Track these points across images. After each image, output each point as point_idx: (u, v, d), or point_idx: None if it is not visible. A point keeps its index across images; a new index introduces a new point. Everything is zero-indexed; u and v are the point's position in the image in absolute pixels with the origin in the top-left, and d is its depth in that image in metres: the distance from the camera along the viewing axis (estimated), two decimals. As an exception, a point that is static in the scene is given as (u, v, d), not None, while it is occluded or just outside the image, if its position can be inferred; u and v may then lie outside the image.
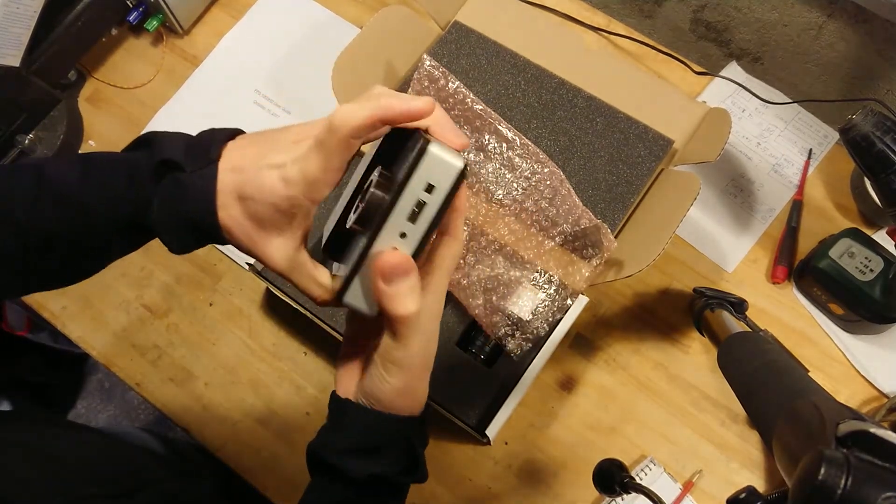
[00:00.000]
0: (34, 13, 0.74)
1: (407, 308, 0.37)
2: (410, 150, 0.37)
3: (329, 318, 0.70)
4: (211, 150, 0.41)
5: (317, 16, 0.94)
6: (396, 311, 0.37)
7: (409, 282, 0.37)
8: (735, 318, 0.67)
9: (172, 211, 0.41)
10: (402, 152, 0.39)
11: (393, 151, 0.40)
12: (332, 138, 0.38)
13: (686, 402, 0.77)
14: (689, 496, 0.72)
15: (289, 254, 0.41)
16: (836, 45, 0.92)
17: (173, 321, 0.81)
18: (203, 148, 0.42)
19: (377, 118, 0.37)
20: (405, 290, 0.37)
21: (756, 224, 0.84)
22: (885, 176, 0.65)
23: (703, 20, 1.02)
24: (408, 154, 0.37)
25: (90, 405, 1.58)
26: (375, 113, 0.37)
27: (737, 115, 0.88)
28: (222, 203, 0.40)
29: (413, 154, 0.36)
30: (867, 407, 0.76)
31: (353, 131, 0.37)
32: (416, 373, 0.40)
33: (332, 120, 0.38)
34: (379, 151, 0.41)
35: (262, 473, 0.75)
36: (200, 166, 0.41)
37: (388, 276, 0.37)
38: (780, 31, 0.96)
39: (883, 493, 0.29)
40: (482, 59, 0.80)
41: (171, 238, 0.43)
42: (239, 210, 0.40)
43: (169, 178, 0.41)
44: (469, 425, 0.68)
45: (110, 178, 0.42)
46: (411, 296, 0.37)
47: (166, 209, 0.41)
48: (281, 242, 0.41)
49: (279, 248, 0.41)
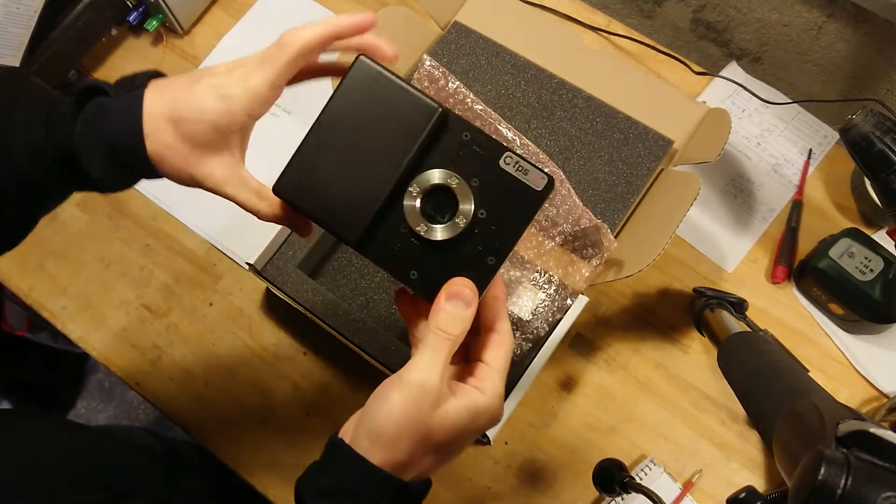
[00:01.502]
0: (34, 13, 0.74)
1: (452, 328, 0.37)
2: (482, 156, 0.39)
3: (329, 317, 0.70)
4: (137, 80, 0.42)
5: (317, 16, 0.94)
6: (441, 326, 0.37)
7: (467, 311, 0.38)
8: (735, 318, 0.67)
9: (94, 132, 0.40)
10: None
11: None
12: (282, 54, 0.39)
13: (686, 402, 0.77)
14: (689, 496, 0.72)
15: (230, 172, 0.41)
16: (836, 45, 0.92)
17: (173, 321, 0.81)
18: (128, 79, 0.42)
19: (327, 34, 0.40)
20: (461, 314, 0.38)
21: (756, 224, 0.84)
22: (885, 176, 0.65)
23: (703, 20, 1.02)
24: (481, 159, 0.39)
25: (90, 405, 1.58)
26: (326, 28, 0.40)
27: (737, 115, 0.88)
28: (152, 129, 0.40)
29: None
30: (867, 407, 0.76)
31: (302, 47, 0.39)
32: (420, 422, 0.37)
33: (282, 38, 0.39)
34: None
35: (262, 473, 0.75)
36: (126, 91, 0.41)
37: (453, 298, 0.38)
38: (780, 31, 0.96)
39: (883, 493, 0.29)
40: (482, 59, 0.80)
41: (94, 161, 0.41)
42: (172, 133, 0.40)
43: (92, 102, 0.41)
44: (469, 425, 0.68)
45: (29, 125, 0.41)
46: (462, 322, 0.38)
47: (88, 131, 0.40)
48: (220, 161, 0.41)
49: (219, 168, 0.41)
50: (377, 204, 0.39)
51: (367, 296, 0.76)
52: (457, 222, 0.38)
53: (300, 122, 0.89)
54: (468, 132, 0.39)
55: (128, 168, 0.42)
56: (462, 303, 0.38)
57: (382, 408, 0.37)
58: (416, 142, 0.38)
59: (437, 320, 0.38)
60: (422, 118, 0.38)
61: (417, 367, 0.37)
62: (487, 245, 0.39)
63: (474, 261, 0.39)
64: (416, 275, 0.39)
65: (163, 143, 0.40)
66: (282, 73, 0.40)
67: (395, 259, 0.39)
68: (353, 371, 0.78)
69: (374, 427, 0.37)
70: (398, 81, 0.39)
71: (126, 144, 0.40)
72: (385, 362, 0.69)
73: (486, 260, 0.39)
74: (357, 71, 0.39)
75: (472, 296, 0.38)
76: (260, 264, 0.71)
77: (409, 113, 0.39)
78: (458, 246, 0.39)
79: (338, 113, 0.39)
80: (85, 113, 0.41)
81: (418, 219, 0.39)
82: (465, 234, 0.38)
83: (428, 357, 0.37)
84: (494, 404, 0.39)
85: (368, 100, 0.39)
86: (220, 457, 0.75)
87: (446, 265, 0.39)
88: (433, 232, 0.38)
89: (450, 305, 0.37)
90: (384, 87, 0.39)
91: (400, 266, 0.39)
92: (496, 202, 0.38)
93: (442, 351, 0.37)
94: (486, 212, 0.38)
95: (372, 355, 0.69)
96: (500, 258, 0.39)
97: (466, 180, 0.38)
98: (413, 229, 0.39)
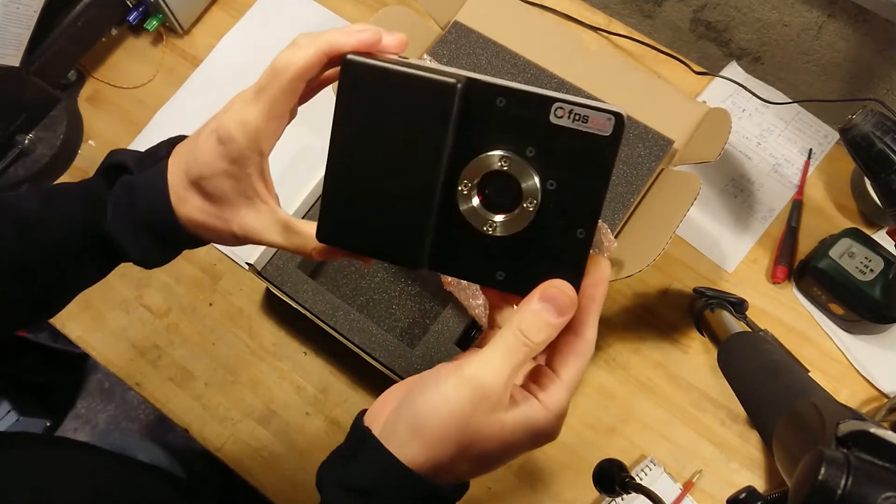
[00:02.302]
0: (34, 13, 0.74)
1: (535, 336, 0.33)
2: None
3: (329, 318, 0.70)
4: (159, 151, 0.40)
5: (317, 16, 0.94)
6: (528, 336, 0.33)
7: (558, 319, 0.33)
8: (735, 318, 0.67)
9: (126, 214, 0.39)
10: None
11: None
12: (275, 84, 0.35)
13: (686, 402, 0.77)
14: (689, 496, 0.72)
15: (266, 217, 0.39)
16: (836, 45, 0.92)
17: (173, 321, 0.81)
18: (151, 152, 0.41)
19: (324, 54, 0.34)
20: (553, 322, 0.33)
21: (756, 224, 0.83)
22: (885, 176, 0.65)
23: (703, 20, 1.02)
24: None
25: (90, 405, 1.58)
26: (322, 48, 0.34)
27: (737, 115, 0.88)
28: (179, 198, 0.38)
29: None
30: (867, 407, 0.76)
31: (298, 72, 0.35)
32: (470, 425, 0.32)
33: (275, 64, 0.35)
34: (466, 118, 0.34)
35: (262, 473, 0.75)
36: (149, 166, 0.40)
37: (549, 302, 0.33)
38: (780, 30, 0.96)
39: (883, 493, 0.29)
40: (482, 59, 0.80)
41: (129, 243, 0.40)
42: (198, 197, 0.38)
43: (119, 182, 0.40)
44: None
45: (67, 200, 0.41)
46: (549, 330, 0.33)
47: (119, 214, 0.39)
48: (252, 209, 0.38)
49: (253, 216, 0.38)
50: (429, 217, 0.34)
51: (367, 296, 0.76)
52: (526, 207, 0.33)
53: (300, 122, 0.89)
54: (501, 96, 0.32)
55: (168, 243, 0.41)
56: (555, 309, 0.33)
57: (431, 399, 0.32)
58: (445, 131, 0.33)
59: (522, 320, 0.33)
60: (442, 100, 0.32)
61: (484, 364, 0.32)
62: (571, 217, 0.33)
63: (562, 240, 0.33)
64: (503, 275, 0.35)
65: (193, 209, 0.38)
66: (278, 102, 0.36)
67: (473, 267, 0.35)
68: (353, 371, 0.78)
69: (418, 419, 0.32)
70: (400, 69, 0.33)
71: (159, 221, 0.39)
72: (385, 362, 0.69)
73: (576, 234, 0.33)
74: (349, 76, 0.34)
75: (569, 304, 0.33)
76: (260, 264, 0.71)
77: (425, 100, 0.33)
78: (538, 229, 0.33)
79: (348, 131, 0.34)
80: (115, 195, 0.40)
81: (482, 218, 0.34)
82: (540, 215, 0.33)
83: (498, 356, 0.32)
84: (554, 424, 0.34)
85: (375, 103, 0.33)
86: (220, 457, 0.75)
87: (533, 253, 0.34)
88: (503, 226, 0.34)
89: (540, 308, 0.33)
90: (387, 81, 0.33)
91: (482, 272, 0.35)
92: (563, 166, 0.32)
93: (516, 355, 0.32)
94: (555, 181, 0.33)
95: (372, 355, 0.69)
96: (589, 228, 0.33)
97: (520, 154, 0.33)
98: (481, 230, 0.34)
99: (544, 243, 0.34)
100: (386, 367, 0.69)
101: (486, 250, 0.34)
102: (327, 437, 0.76)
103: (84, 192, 0.41)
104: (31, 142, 0.85)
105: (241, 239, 0.39)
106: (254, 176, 0.37)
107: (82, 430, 1.55)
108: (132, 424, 1.55)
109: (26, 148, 0.84)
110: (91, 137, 0.90)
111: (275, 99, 0.36)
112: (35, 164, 0.85)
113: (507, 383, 0.32)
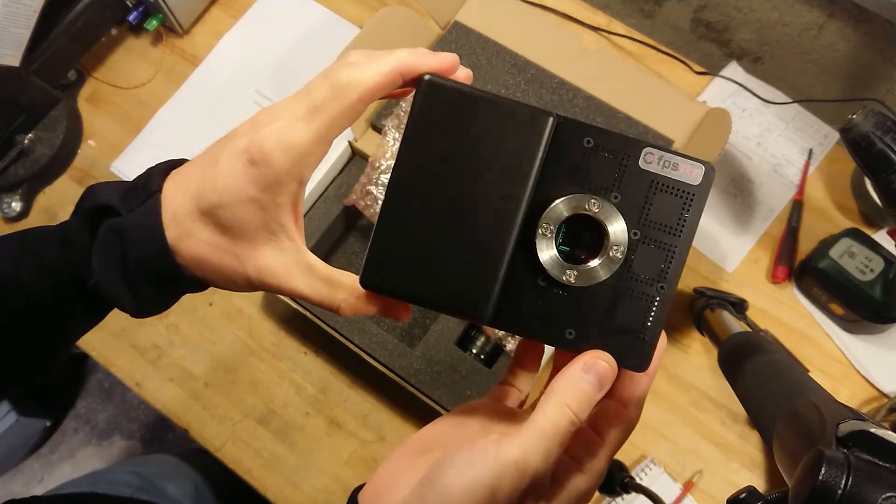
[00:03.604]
0: (34, 13, 0.74)
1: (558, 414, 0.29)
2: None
3: (329, 318, 0.70)
4: (150, 183, 0.33)
5: (317, 16, 0.94)
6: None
7: (598, 394, 0.30)
8: (735, 318, 0.67)
9: (115, 263, 0.33)
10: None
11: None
12: (337, 103, 0.30)
13: (686, 402, 0.77)
14: (689, 496, 0.72)
15: (290, 258, 0.32)
16: (836, 45, 0.92)
17: (173, 321, 0.81)
18: (139, 185, 0.34)
19: (398, 73, 0.30)
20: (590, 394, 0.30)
21: (756, 224, 0.83)
22: (886, 176, 0.65)
23: (703, 20, 1.02)
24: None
25: (90, 405, 1.58)
26: (397, 67, 0.30)
27: (737, 115, 0.88)
28: (182, 232, 0.32)
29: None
30: (867, 407, 0.76)
31: (367, 92, 0.30)
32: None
33: (335, 81, 0.30)
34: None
35: (262, 473, 0.75)
36: (139, 203, 0.33)
37: (592, 372, 0.30)
38: (780, 30, 0.96)
39: (883, 493, 0.29)
40: (482, 59, 0.80)
41: (121, 294, 0.34)
42: (208, 230, 0.32)
43: (104, 226, 0.33)
44: (469, 425, 0.68)
45: (43, 247, 0.35)
46: (591, 405, 0.30)
47: (107, 262, 0.33)
48: (275, 247, 0.32)
49: (275, 256, 0.32)
50: (502, 261, 0.30)
51: (367, 296, 0.76)
52: (611, 255, 0.30)
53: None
54: (589, 137, 0.30)
55: (165, 291, 0.35)
56: (598, 383, 0.29)
57: (465, 484, 0.27)
58: (531, 167, 0.30)
59: (567, 393, 0.29)
60: (532, 133, 0.30)
61: (529, 445, 0.28)
62: (652, 271, 0.30)
63: (641, 294, 0.30)
64: (574, 333, 0.31)
65: (200, 244, 0.32)
66: (336, 125, 0.31)
67: (542, 323, 0.31)
68: (353, 371, 0.78)
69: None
70: (488, 96, 0.30)
71: (156, 268, 0.33)
72: (385, 362, 0.69)
73: (657, 289, 0.31)
74: (428, 98, 0.30)
75: (610, 376, 0.30)
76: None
77: (512, 131, 0.30)
78: (616, 283, 0.31)
79: (417, 160, 0.30)
80: (100, 243, 0.33)
81: (562, 265, 0.30)
82: (622, 266, 0.30)
83: (544, 437, 0.28)
84: (593, 490, 0.32)
85: (454, 129, 0.30)
86: (220, 457, 0.75)
87: (608, 308, 0.31)
88: (584, 276, 0.30)
89: (590, 381, 0.29)
90: (470, 107, 0.30)
91: (551, 330, 0.31)
92: (649, 215, 0.30)
93: (564, 435, 0.29)
94: (639, 230, 0.30)
95: (372, 355, 0.69)
96: (671, 283, 0.30)
97: (605, 198, 0.30)
98: (559, 280, 0.30)
99: (622, 298, 0.31)
100: (386, 367, 0.69)
101: (558, 305, 0.31)
102: (327, 437, 0.76)
103: (62, 239, 0.35)
104: (31, 142, 0.85)
105: (254, 283, 0.33)
106: (285, 207, 0.32)
107: (82, 430, 1.55)
108: (132, 424, 1.55)
109: (26, 148, 0.84)
110: (91, 137, 0.90)
111: (333, 121, 0.31)
112: (35, 164, 0.85)
113: (549, 468, 0.29)
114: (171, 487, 0.73)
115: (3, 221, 0.86)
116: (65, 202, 0.88)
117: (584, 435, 0.32)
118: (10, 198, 0.85)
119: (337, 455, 0.75)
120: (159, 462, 0.79)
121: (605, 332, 0.31)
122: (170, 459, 0.81)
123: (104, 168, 0.88)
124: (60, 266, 0.34)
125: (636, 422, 0.32)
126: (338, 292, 0.32)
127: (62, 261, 0.34)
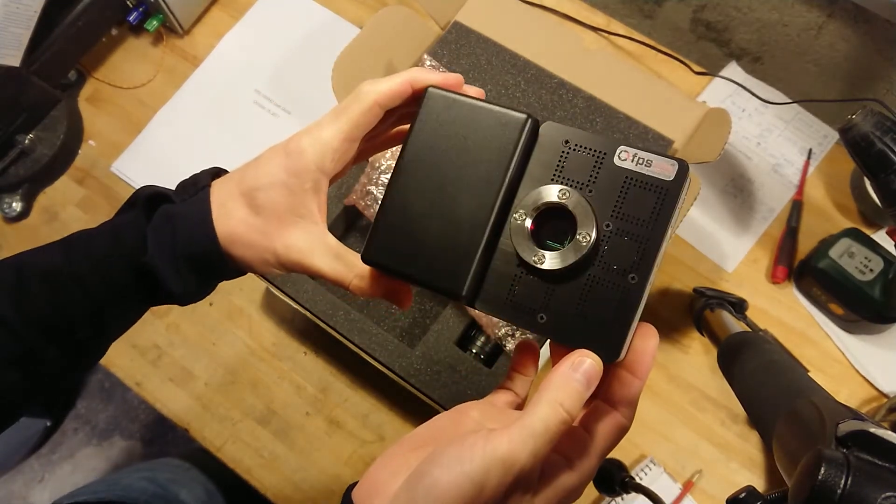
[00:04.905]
0: (34, 13, 0.74)
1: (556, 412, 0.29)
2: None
3: (329, 318, 0.70)
4: (200, 179, 0.40)
5: (317, 16, 0.94)
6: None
7: (587, 392, 0.30)
8: (735, 318, 0.67)
9: (167, 244, 0.38)
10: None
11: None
12: (356, 106, 0.36)
13: (686, 402, 0.77)
14: (689, 496, 0.72)
15: (314, 239, 0.37)
16: (836, 45, 0.92)
17: (173, 321, 0.81)
18: (189, 183, 0.40)
19: (408, 83, 0.37)
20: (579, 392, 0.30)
21: (756, 224, 0.84)
22: (885, 176, 0.65)
23: (703, 20, 1.02)
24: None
25: (90, 405, 1.58)
26: (407, 78, 0.37)
27: (737, 115, 0.88)
28: (224, 211, 0.37)
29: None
30: (867, 407, 0.76)
31: (381, 96, 0.36)
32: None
33: (360, 89, 0.37)
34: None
35: (262, 473, 0.75)
36: (191, 195, 0.39)
37: (580, 372, 0.30)
38: (780, 31, 0.96)
39: (883, 493, 0.29)
40: (482, 59, 0.80)
41: (170, 274, 0.38)
42: (244, 208, 0.37)
43: (158, 212, 0.39)
44: (469, 425, 0.68)
45: (94, 242, 0.39)
46: (582, 401, 0.30)
47: (160, 245, 0.38)
48: (302, 228, 0.37)
49: (301, 236, 0.37)
50: (479, 245, 0.33)
51: (367, 296, 0.76)
52: (578, 240, 0.32)
53: (300, 122, 0.89)
54: (567, 136, 0.34)
55: (209, 274, 0.40)
56: (586, 381, 0.30)
57: (453, 479, 0.28)
58: (508, 161, 0.34)
59: (558, 390, 0.30)
60: (509, 133, 0.34)
61: (518, 441, 0.29)
62: (624, 262, 0.32)
63: (613, 284, 0.32)
64: (545, 317, 0.33)
65: (237, 222, 0.37)
66: (356, 124, 0.36)
67: (515, 305, 0.33)
68: (353, 371, 0.78)
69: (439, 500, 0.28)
70: (476, 102, 0.35)
71: (202, 251, 0.37)
72: (385, 362, 0.69)
73: (628, 280, 0.31)
74: (430, 104, 0.36)
75: (595, 371, 0.30)
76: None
77: (494, 132, 0.34)
78: (588, 270, 0.32)
79: (417, 156, 0.35)
80: (154, 226, 0.38)
81: (531, 248, 0.33)
82: (592, 254, 0.32)
83: (534, 434, 0.29)
84: (580, 490, 0.32)
85: (447, 132, 0.35)
86: (220, 457, 0.75)
87: (580, 296, 0.32)
88: (552, 260, 0.32)
89: (578, 379, 0.30)
90: (461, 112, 0.35)
91: (523, 312, 0.33)
92: (623, 208, 0.32)
93: (556, 432, 0.29)
94: (612, 223, 0.32)
95: (372, 355, 0.69)
96: (643, 275, 0.31)
97: (579, 191, 0.33)
98: (528, 262, 0.33)
99: (593, 283, 0.32)
100: (386, 366, 0.69)
101: (530, 288, 0.33)
102: (327, 437, 0.76)
103: (113, 229, 0.39)
104: (31, 142, 0.85)
105: (282, 260, 0.37)
106: (310, 193, 0.37)
107: (82, 430, 1.55)
108: (132, 424, 1.55)
109: (26, 148, 0.84)
110: (91, 137, 0.90)
111: (353, 120, 0.37)
112: (35, 164, 0.85)
113: (537, 466, 0.29)
114: (184, 493, 0.74)
115: (4, 221, 0.86)
116: (65, 202, 0.88)
117: (576, 434, 0.33)
118: (10, 198, 0.85)
119: (337, 455, 0.75)
120: (171, 467, 0.80)
121: (576, 319, 0.32)
122: (181, 464, 0.81)
123: (104, 168, 0.88)
124: (113, 255, 0.38)
125: (629, 423, 0.33)
126: (351, 270, 0.37)
127: (114, 251, 0.38)
